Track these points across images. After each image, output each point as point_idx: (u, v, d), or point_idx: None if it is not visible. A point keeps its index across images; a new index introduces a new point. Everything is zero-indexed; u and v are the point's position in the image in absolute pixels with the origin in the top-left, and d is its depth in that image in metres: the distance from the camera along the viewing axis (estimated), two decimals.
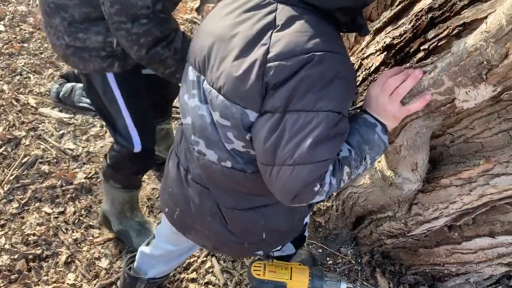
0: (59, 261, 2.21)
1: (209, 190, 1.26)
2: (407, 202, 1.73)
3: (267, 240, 1.35)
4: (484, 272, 1.84)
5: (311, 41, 0.95)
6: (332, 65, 0.96)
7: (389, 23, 1.58)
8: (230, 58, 1.01)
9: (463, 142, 1.44)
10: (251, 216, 1.26)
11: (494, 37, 0.87)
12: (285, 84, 0.95)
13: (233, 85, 1.00)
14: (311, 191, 1.05)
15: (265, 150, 1.02)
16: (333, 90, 0.96)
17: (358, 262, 2.23)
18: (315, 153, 0.99)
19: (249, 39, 0.98)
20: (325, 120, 0.96)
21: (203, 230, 1.35)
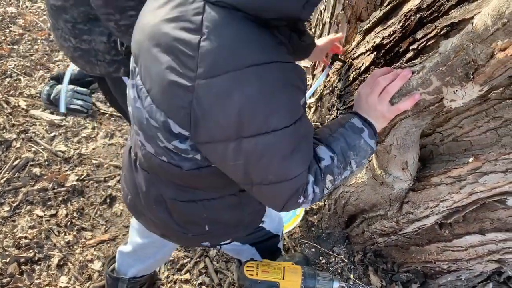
0: (52, 264, 2.21)
1: (155, 181, 1.24)
2: (398, 201, 1.74)
3: (211, 232, 1.34)
4: (474, 269, 1.86)
5: (242, 54, 0.86)
6: (270, 77, 0.88)
7: (378, 23, 1.60)
8: (158, 62, 0.94)
9: (453, 141, 1.46)
10: (193, 208, 1.24)
11: (480, 37, 0.88)
12: (225, 108, 0.88)
13: (159, 92, 0.95)
14: (295, 202, 1.06)
15: (238, 175, 1.01)
16: (279, 102, 0.90)
17: (351, 261, 2.24)
18: (287, 169, 0.98)
19: (175, 46, 0.90)
20: (284, 136, 0.92)
21: (151, 217, 1.34)
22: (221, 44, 0.86)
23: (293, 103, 0.94)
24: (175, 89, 0.90)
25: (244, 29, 0.88)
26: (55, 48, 3.40)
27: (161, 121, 0.99)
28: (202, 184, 1.17)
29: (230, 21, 0.87)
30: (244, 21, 0.88)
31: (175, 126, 0.97)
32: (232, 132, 0.90)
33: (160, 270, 2.20)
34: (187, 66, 0.88)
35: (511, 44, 0.83)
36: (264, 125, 0.89)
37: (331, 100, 1.92)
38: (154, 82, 0.96)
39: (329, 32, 2.05)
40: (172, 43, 0.90)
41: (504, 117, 1.25)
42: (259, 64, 0.86)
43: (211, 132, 0.92)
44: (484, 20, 0.86)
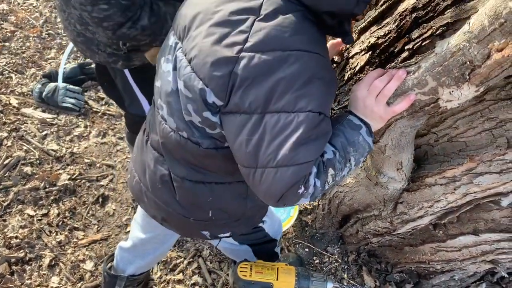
0: (43, 264, 2.18)
1: (163, 157, 1.25)
2: (392, 201, 1.74)
3: (214, 220, 1.34)
4: (468, 269, 1.86)
5: (291, 38, 0.93)
6: (310, 65, 0.95)
7: (373, 22, 1.59)
8: (209, 34, 0.99)
9: (447, 141, 1.45)
10: (200, 189, 1.24)
11: (476, 37, 0.88)
12: (261, 82, 0.93)
13: (202, 60, 0.99)
14: (295, 193, 1.04)
15: (247, 153, 1.00)
16: (312, 89, 0.95)
17: (345, 261, 2.24)
18: (298, 154, 0.98)
19: (231, 20, 0.97)
20: (306, 120, 0.95)
21: (154, 198, 1.34)
22: (274, 26, 0.94)
23: (325, 97, 1.00)
24: (220, 58, 0.95)
25: (297, 19, 0.96)
26: (47, 45, 3.36)
27: (198, 88, 1.01)
28: (215, 165, 1.18)
29: (287, 9, 0.96)
30: (300, 12, 0.97)
31: (210, 95, 0.99)
32: (260, 105, 0.95)
33: (153, 270, 2.19)
34: (237, 39, 0.94)
35: (508, 44, 0.82)
36: (291, 104, 0.94)
37: None
38: (200, 51, 1.00)
39: None
40: (228, 17, 0.97)
41: (499, 118, 1.25)
42: (303, 51, 0.94)
43: (241, 101, 0.96)
44: (481, 20, 0.86)
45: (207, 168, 1.21)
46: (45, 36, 3.43)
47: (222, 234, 1.45)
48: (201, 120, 1.06)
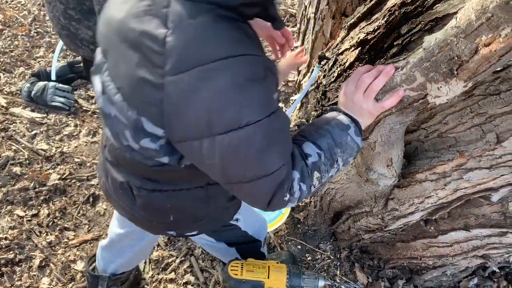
0: (33, 265, 2.16)
1: (118, 169, 1.22)
2: (383, 198, 1.73)
3: (177, 223, 1.31)
4: (460, 265, 1.86)
5: (209, 48, 0.84)
6: (239, 71, 0.85)
7: (363, 18, 1.58)
8: (127, 59, 0.91)
9: (437, 137, 1.45)
10: (158, 197, 1.21)
11: (464, 32, 0.87)
12: (194, 105, 0.85)
13: (130, 89, 0.93)
14: (282, 200, 1.03)
15: (217, 174, 0.99)
16: (251, 95, 0.87)
17: (337, 258, 2.23)
18: (264, 164, 0.95)
19: (142, 42, 0.86)
20: (258, 130, 0.89)
21: (118, 201, 1.33)
22: (186, 38, 0.84)
23: (264, 96, 0.91)
24: (145, 86, 0.88)
25: (210, 22, 0.85)
26: (36, 44, 3.33)
27: (132, 119, 0.95)
28: (167, 177, 1.15)
29: (195, 14, 0.84)
30: (210, 14, 0.85)
31: (148, 124, 0.94)
32: (204, 129, 0.88)
33: (145, 269, 2.17)
34: (155, 63, 0.85)
35: (495, 39, 0.81)
36: (235, 120, 0.87)
37: (316, 96, 1.90)
38: (124, 80, 0.93)
39: (314, 27, 2.03)
40: (140, 38, 0.87)
41: (488, 113, 1.24)
42: (225, 58, 0.84)
43: (185, 130, 0.90)
44: (468, 15, 0.85)
45: (160, 180, 1.17)
46: (33, 35, 3.39)
47: (189, 232, 1.42)
48: (139, 148, 1.01)
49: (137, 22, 0.88)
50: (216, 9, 0.86)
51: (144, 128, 0.95)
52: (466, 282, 2.11)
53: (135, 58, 0.88)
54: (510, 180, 1.32)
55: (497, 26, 0.79)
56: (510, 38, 0.79)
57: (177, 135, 0.92)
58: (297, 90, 2.62)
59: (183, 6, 0.84)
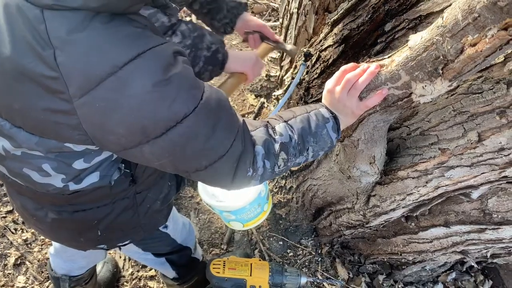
0: (8, 263, 2.10)
1: (28, 198, 1.14)
2: (365, 194, 1.74)
3: (106, 236, 1.24)
4: (439, 260, 1.88)
5: (109, 55, 0.75)
6: (152, 67, 0.78)
7: (346, 14, 1.57)
8: (19, 97, 0.81)
9: (420, 135, 1.45)
10: (81, 217, 1.14)
11: (450, 32, 0.86)
12: (121, 117, 0.79)
13: (39, 124, 0.84)
14: (244, 175, 1.01)
15: (171, 171, 0.96)
16: (175, 86, 0.81)
17: (318, 253, 2.24)
18: (215, 149, 0.91)
19: (29, 70, 0.76)
20: (198, 117, 0.84)
21: (37, 226, 1.24)
22: (80, 52, 0.74)
23: (187, 80, 0.85)
24: (55, 117, 0.80)
25: (97, 27, 0.75)
26: None
27: (55, 147, 0.89)
28: (88, 198, 1.10)
29: (78, 24, 0.74)
30: (93, 19, 0.75)
31: (76, 146, 0.89)
32: (141, 137, 0.82)
33: (124, 267, 2.14)
34: (55, 89, 0.76)
35: (481, 39, 0.81)
36: (171, 117, 0.81)
37: (299, 92, 1.89)
38: (25, 117, 0.84)
39: (297, 22, 2.01)
40: (23, 68, 0.77)
41: (470, 112, 1.25)
42: (134, 58, 0.76)
43: (119, 143, 0.84)
44: (454, 14, 0.84)
45: (83, 202, 1.12)
46: None
47: (121, 243, 1.36)
48: (65, 177, 0.97)
49: (14, 51, 0.77)
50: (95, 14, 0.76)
51: (74, 150, 0.90)
52: (445, 276, 2.14)
53: (28, 91, 0.79)
54: (490, 178, 1.33)
55: (483, 26, 0.79)
56: (496, 38, 0.79)
57: (111, 148, 0.87)
58: (279, 85, 2.61)
59: (61, 18, 0.74)
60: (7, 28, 0.77)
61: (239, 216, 1.79)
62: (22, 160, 0.96)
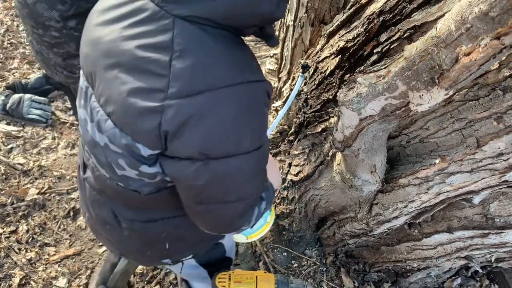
0: (13, 284, 2.10)
1: (104, 198, 1.17)
2: (367, 203, 1.74)
3: (172, 250, 1.28)
4: (443, 266, 1.88)
5: (216, 74, 0.83)
6: (244, 99, 0.86)
7: (342, 26, 1.59)
8: (120, 83, 0.86)
9: (419, 142, 1.47)
10: (152, 227, 1.18)
11: (444, 42, 0.88)
12: (196, 129, 0.84)
13: (124, 115, 0.88)
14: (242, 225, 1.08)
15: (189, 194, 0.98)
16: (252, 125, 0.89)
17: (323, 263, 2.24)
18: (249, 190, 0.99)
19: (142, 63, 0.83)
20: (252, 158, 0.92)
21: (106, 236, 1.27)
22: (194, 63, 0.81)
23: (263, 123, 0.93)
24: (143, 111, 0.84)
25: (217, 46, 0.84)
26: (10, 55, 3.25)
27: (127, 144, 0.91)
28: (162, 204, 1.13)
29: (202, 38, 0.83)
30: (217, 38, 0.84)
31: (145, 150, 0.90)
32: (201, 152, 0.86)
33: (129, 282, 2.13)
34: (155, 86, 0.82)
35: (475, 49, 0.83)
36: (233, 147, 0.87)
37: (298, 104, 1.90)
38: (116, 105, 0.88)
39: (293, 35, 2.04)
40: (136, 61, 0.84)
41: (468, 118, 1.26)
42: (232, 85, 0.83)
43: (179, 150, 0.87)
44: (447, 25, 0.86)
45: (153, 207, 1.15)
46: (7, 46, 3.32)
47: (185, 258, 1.39)
48: (138, 173, 0.97)
49: (133, 45, 0.84)
50: (222, 30, 0.85)
51: (141, 154, 0.91)
52: (450, 282, 2.14)
53: (130, 82, 0.84)
54: (490, 182, 1.34)
55: (476, 36, 0.81)
56: (489, 47, 0.80)
57: (169, 152, 0.90)
58: (278, 97, 2.63)
59: (190, 29, 0.82)
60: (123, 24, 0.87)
61: None
62: (105, 151, 0.99)
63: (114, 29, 0.88)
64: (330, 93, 1.64)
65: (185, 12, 0.81)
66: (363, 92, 1.18)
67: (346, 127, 1.34)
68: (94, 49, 0.92)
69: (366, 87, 1.16)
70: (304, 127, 1.93)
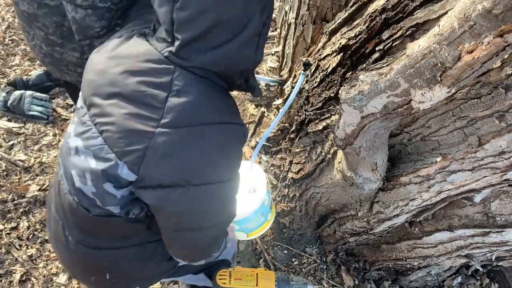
0: (14, 280, 2.10)
1: (61, 222, 1.22)
2: (368, 201, 1.74)
3: (113, 281, 1.30)
4: (444, 264, 1.88)
5: (204, 112, 0.98)
6: (226, 136, 1.02)
7: (344, 24, 1.59)
8: (120, 108, 0.98)
9: (420, 140, 1.46)
10: (94, 255, 1.23)
11: (447, 39, 0.88)
12: (180, 157, 0.96)
13: (116, 134, 0.98)
14: (213, 252, 1.22)
15: (169, 221, 1.08)
16: (229, 158, 1.04)
17: (323, 261, 2.24)
18: (222, 216, 1.13)
19: (143, 96, 0.96)
20: (227, 187, 1.07)
21: (59, 252, 1.32)
22: (187, 101, 0.96)
23: (238, 159, 1.08)
24: (135, 132, 0.95)
25: (209, 91, 1.01)
26: (11, 52, 3.25)
27: (109, 160, 0.99)
28: (107, 231, 1.18)
29: (197, 84, 0.99)
30: (209, 85, 1.01)
31: (123, 168, 0.98)
32: (183, 179, 0.98)
33: None
34: (150, 116, 0.95)
35: (478, 46, 0.83)
36: (212, 176, 1.01)
37: (299, 101, 1.90)
38: (112, 125, 0.98)
39: (295, 32, 2.03)
40: (137, 94, 0.97)
41: (469, 117, 1.26)
42: (220, 123, 1.00)
43: (161, 177, 0.98)
44: (450, 23, 0.86)
45: (100, 234, 1.19)
46: (8, 43, 3.31)
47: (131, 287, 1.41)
48: (95, 192, 1.04)
49: (136, 80, 0.98)
50: (215, 77, 1.02)
51: (117, 173, 0.99)
52: (450, 281, 2.14)
53: (129, 109, 0.97)
54: (492, 181, 1.34)
55: (479, 34, 0.80)
56: (492, 45, 0.80)
57: (150, 181, 0.98)
58: (279, 95, 2.63)
59: (188, 76, 0.98)
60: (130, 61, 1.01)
61: (243, 226, 1.80)
62: (76, 160, 1.06)
63: (122, 62, 1.02)
64: (331, 91, 1.64)
65: (186, 64, 0.98)
66: (365, 90, 1.18)
67: (348, 124, 1.33)
68: (99, 77, 1.05)
69: (368, 84, 1.16)
70: (305, 125, 1.93)
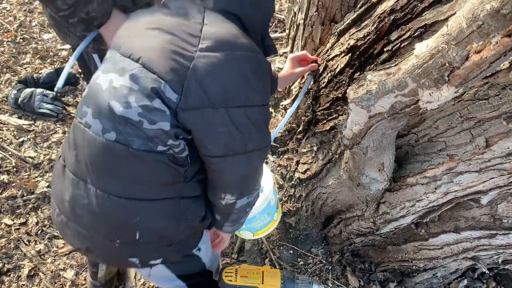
0: (22, 275, 2.13)
1: (83, 181, 1.16)
2: (374, 201, 1.75)
3: (141, 243, 1.22)
4: (450, 267, 1.88)
5: (238, 41, 1.09)
6: (258, 63, 1.12)
7: (352, 24, 1.60)
8: (159, 36, 1.08)
9: (428, 141, 1.47)
10: (127, 207, 1.16)
11: (455, 39, 0.88)
12: (219, 78, 1.04)
13: (157, 55, 1.05)
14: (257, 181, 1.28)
15: (219, 145, 1.12)
16: (262, 84, 1.15)
17: (329, 262, 2.24)
18: (264, 139, 1.20)
19: (178, 29, 1.07)
20: (262, 111, 1.15)
21: (76, 227, 1.22)
22: (220, 31, 1.08)
23: (268, 86, 1.19)
24: (175, 55, 1.03)
25: (236, 28, 1.13)
26: (22, 50, 3.29)
27: (150, 80, 1.05)
28: (145, 173, 1.13)
29: (226, 20, 1.13)
30: (237, 29, 1.14)
31: (165, 87, 1.04)
32: (222, 100, 1.06)
33: (136, 276, 2.16)
34: (189, 42, 1.05)
35: (486, 46, 0.83)
36: (249, 99, 1.10)
37: (307, 102, 1.91)
38: (151, 50, 1.06)
39: (303, 33, 2.04)
40: (175, 27, 1.08)
41: (477, 118, 1.26)
42: (252, 51, 1.11)
43: (203, 98, 1.04)
44: (459, 23, 0.86)
45: (135, 179, 1.14)
46: (19, 41, 3.36)
47: (153, 260, 1.31)
48: (141, 112, 1.05)
49: (173, 21, 1.11)
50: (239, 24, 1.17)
51: (161, 90, 1.04)
52: (456, 283, 2.13)
53: (168, 37, 1.06)
54: (499, 183, 1.34)
55: (487, 33, 0.81)
56: (500, 45, 0.81)
57: (193, 101, 1.05)
58: (287, 95, 2.64)
59: (214, 14, 1.13)
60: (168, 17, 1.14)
61: (249, 225, 1.81)
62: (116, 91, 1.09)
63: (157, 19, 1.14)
64: (339, 91, 1.65)
65: (211, 4, 1.14)
66: (373, 89, 1.18)
67: (355, 124, 1.34)
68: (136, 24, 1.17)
69: (376, 84, 1.17)
70: (313, 125, 1.94)
